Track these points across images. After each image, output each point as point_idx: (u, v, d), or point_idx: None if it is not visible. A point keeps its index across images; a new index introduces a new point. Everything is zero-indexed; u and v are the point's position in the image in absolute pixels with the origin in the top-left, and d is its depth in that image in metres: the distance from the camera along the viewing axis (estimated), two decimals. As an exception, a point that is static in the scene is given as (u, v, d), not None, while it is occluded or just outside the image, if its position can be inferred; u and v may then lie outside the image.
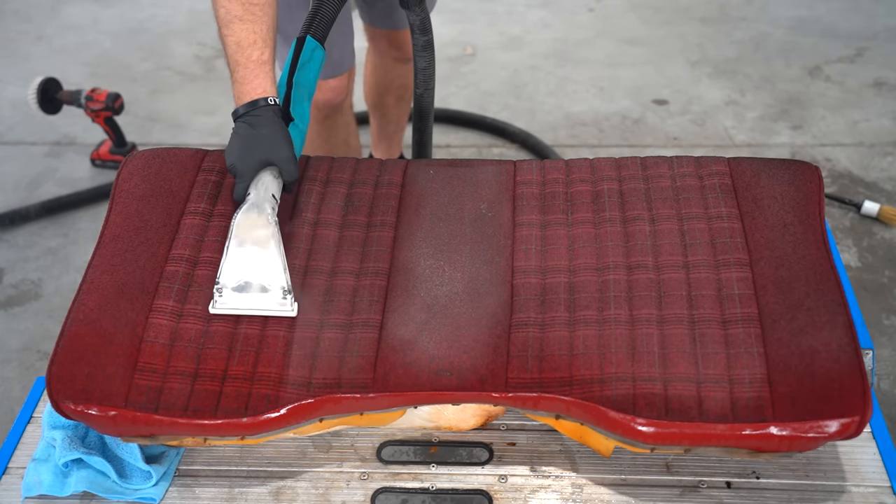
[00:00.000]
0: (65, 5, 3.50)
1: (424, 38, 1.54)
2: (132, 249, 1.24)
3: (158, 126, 2.81)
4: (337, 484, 1.20)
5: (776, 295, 1.14)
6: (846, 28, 3.17)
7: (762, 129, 2.69)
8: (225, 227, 1.28)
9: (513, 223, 1.29)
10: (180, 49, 3.19)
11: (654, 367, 1.09)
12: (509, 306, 1.18)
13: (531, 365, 1.12)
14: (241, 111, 1.26)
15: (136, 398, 1.09)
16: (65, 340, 1.13)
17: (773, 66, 2.98)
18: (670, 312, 1.15)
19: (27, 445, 1.27)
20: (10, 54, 3.22)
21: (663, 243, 1.23)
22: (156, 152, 1.39)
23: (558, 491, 1.18)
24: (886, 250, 2.21)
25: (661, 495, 1.17)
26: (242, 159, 1.22)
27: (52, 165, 2.63)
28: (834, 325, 1.10)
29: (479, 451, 1.26)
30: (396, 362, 1.13)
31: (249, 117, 1.25)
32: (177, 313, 1.17)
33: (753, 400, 1.05)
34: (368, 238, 1.28)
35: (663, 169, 1.34)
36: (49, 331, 2.07)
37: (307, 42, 1.32)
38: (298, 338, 1.16)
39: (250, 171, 1.22)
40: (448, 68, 3.03)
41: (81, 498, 1.20)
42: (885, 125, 2.67)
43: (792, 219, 1.23)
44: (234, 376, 1.12)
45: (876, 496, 1.16)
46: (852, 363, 1.06)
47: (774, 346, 1.09)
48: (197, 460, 1.24)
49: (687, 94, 2.86)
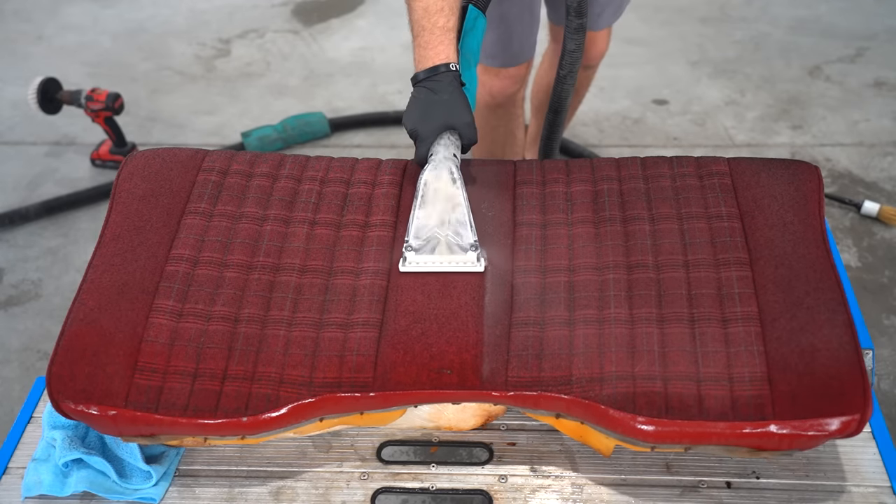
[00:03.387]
0: (65, 5, 3.50)
1: (578, 22, 1.55)
2: (132, 249, 1.24)
3: (158, 126, 2.81)
4: (337, 484, 1.20)
5: (776, 293, 1.14)
6: (846, 28, 3.17)
7: (762, 129, 2.69)
8: (226, 227, 1.28)
9: (513, 223, 1.29)
10: (180, 49, 3.19)
11: (654, 366, 1.09)
12: (509, 305, 1.18)
13: (531, 364, 1.12)
14: (422, 76, 1.28)
15: (136, 398, 1.09)
16: (65, 340, 1.13)
17: (773, 66, 2.98)
18: (670, 311, 1.15)
19: (27, 445, 1.28)
20: (10, 54, 3.22)
21: (663, 242, 1.23)
22: (156, 152, 1.39)
23: (558, 491, 1.18)
24: (886, 250, 2.21)
25: (661, 495, 1.17)
26: (424, 123, 1.26)
27: (52, 165, 2.63)
28: (834, 323, 1.10)
29: (479, 451, 1.26)
30: (396, 361, 1.13)
31: (430, 82, 1.27)
32: (177, 313, 1.17)
33: (754, 398, 1.05)
34: (368, 238, 1.28)
35: (663, 169, 1.34)
36: (49, 331, 2.07)
37: (469, 10, 1.35)
38: (298, 337, 1.16)
39: (432, 134, 1.25)
40: (448, 68, 3.03)
41: (81, 498, 1.20)
42: (885, 125, 2.67)
43: (792, 218, 1.23)
44: (234, 376, 1.12)
45: (876, 496, 1.16)
46: (852, 361, 1.06)
47: (774, 344, 1.09)
48: (197, 460, 1.24)
49: (687, 94, 2.86)
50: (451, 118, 1.26)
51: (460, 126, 1.26)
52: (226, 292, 1.20)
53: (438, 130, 1.25)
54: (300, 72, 3.05)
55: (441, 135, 1.26)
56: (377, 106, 2.85)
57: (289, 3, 3.46)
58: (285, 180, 1.36)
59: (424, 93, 1.27)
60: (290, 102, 2.88)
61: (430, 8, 1.29)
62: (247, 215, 1.30)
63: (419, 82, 1.28)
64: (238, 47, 3.19)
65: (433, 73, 1.27)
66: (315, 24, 3.34)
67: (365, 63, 3.09)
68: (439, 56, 1.28)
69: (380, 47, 3.18)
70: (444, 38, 1.28)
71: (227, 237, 1.27)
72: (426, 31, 1.29)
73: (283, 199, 1.33)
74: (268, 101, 2.91)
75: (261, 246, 1.26)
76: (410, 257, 1.21)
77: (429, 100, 1.26)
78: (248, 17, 3.37)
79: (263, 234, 1.28)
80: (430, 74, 1.27)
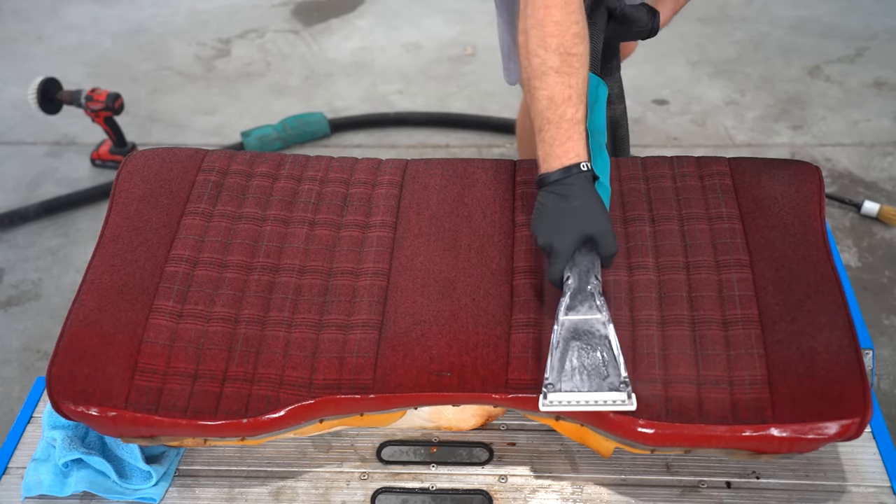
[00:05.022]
0: (65, 5, 3.50)
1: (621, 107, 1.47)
2: (132, 249, 1.24)
3: (158, 126, 2.81)
4: (337, 484, 1.20)
5: (776, 296, 1.14)
6: (846, 28, 3.16)
7: (762, 129, 2.69)
8: (225, 227, 1.28)
9: (513, 223, 1.29)
10: (180, 49, 3.19)
11: (654, 369, 1.09)
12: (509, 307, 1.18)
13: (531, 366, 1.12)
14: (550, 179, 1.13)
15: (136, 399, 1.09)
16: (65, 341, 1.13)
17: (773, 66, 2.98)
18: (671, 313, 1.15)
19: (27, 445, 1.28)
20: (10, 54, 3.22)
21: (664, 244, 1.23)
22: (156, 152, 1.39)
23: (558, 491, 1.18)
24: (886, 250, 2.21)
25: (661, 495, 1.17)
26: (558, 236, 1.10)
27: (52, 165, 2.63)
28: (834, 326, 1.10)
29: (479, 451, 1.26)
30: (396, 363, 1.13)
31: (560, 186, 1.11)
32: (177, 314, 1.17)
33: (754, 401, 1.05)
34: (368, 238, 1.28)
35: (664, 169, 1.34)
36: (49, 331, 2.07)
37: (590, 79, 1.19)
38: (298, 339, 1.16)
39: (568, 249, 1.10)
40: (448, 68, 3.03)
41: (81, 498, 1.20)
42: (885, 125, 2.67)
43: (792, 219, 1.23)
44: (234, 377, 1.12)
45: (876, 496, 1.16)
46: (852, 364, 1.06)
47: (775, 347, 1.09)
48: (197, 460, 1.24)
49: (687, 94, 2.86)
50: (587, 228, 1.10)
51: (599, 236, 1.10)
52: (226, 293, 1.20)
53: (575, 244, 1.10)
54: (300, 72, 3.05)
55: (579, 250, 1.12)
56: (377, 106, 2.85)
57: (289, 3, 3.46)
58: (285, 180, 1.36)
59: (553, 199, 1.11)
60: (290, 102, 2.88)
61: (557, 97, 1.12)
62: (246, 215, 1.30)
63: (546, 186, 1.13)
64: (238, 47, 3.19)
65: (566, 174, 1.11)
66: (315, 24, 3.33)
67: (365, 63, 3.09)
68: (569, 154, 1.12)
69: (380, 47, 3.17)
70: (574, 132, 1.12)
71: (226, 237, 1.27)
72: (552, 125, 1.12)
73: (283, 200, 1.32)
74: (268, 101, 2.91)
75: (260, 246, 1.26)
76: (551, 396, 1.05)
77: (560, 208, 1.11)
78: (248, 17, 3.37)
79: (263, 235, 1.27)
80: (563, 177, 1.12)
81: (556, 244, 1.10)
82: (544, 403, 1.05)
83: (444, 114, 2.77)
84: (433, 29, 3.26)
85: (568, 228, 1.10)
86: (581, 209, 1.10)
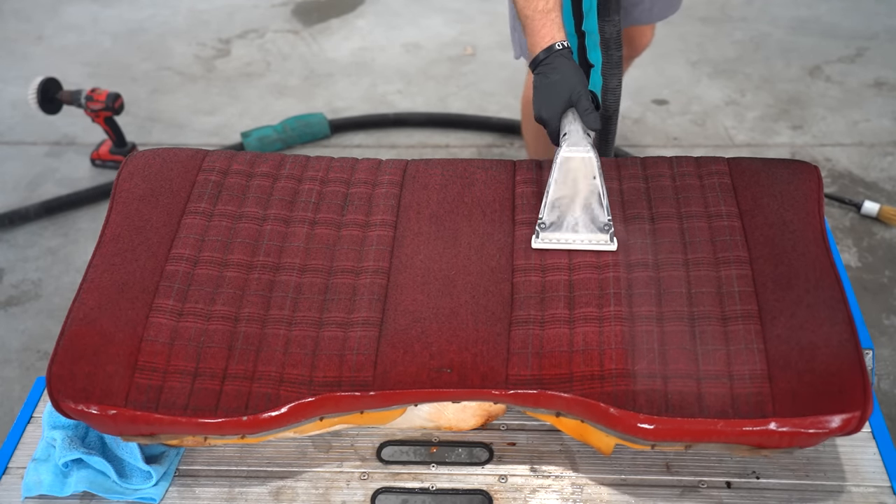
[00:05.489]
0: (65, 5, 3.50)
1: (618, 55, 1.55)
2: (132, 249, 1.24)
3: (158, 126, 2.81)
4: (337, 484, 1.20)
5: (776, 291, 1.14)
6: (846, 28, 3.16)
7: (762, 129, 2.69)
8: (226, 226, 1.28)
9: (513, 222, 1.29)
10: (180, 49, 3.19)
11: (654, 364, 1.09)
12: (509, 304, 1.18)
13: (531, 362, 1.12)
14: (539, 59, 1.31)
15: (136, 397, 1.09)
16: (65, 340, 1.13)
17: (773, 66, 2.98)
18: (670, 309, 1.15)
19: (27, 445, 1.28)
20: (10, 54, 3.22)
21: (663, 241, 1.23)
22: (156, 152, 1.39)
23: (558, 491, 1.18)
24: (886, 250, 2.21)
25: (661, 495, 1.17)
26: (546, 108, 1.28)
27: (52, 165, 2.63)
28: (833, 321, 1.10)
29: (479, 451, 1.26)
30: (396, 360, 1.13)
31: (542, 66, 1.30)
32: (177, 312, 1.17)
33: (754, 396, 1.05)
34: (368, 237, 1.28)
35: (663, 168, 1.34)
36: (49, 331, 2.07)
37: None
38: (298, 336, 1.16)
39: (555, 117, 1.27)
40: (448, 68, 3.03)
41: (81, 498, 1.20)
42: (885, 125, 2.67)
43: (791, 217, 1.23)
44: (234, 375, 1.12)
45: (876, 496, 1.16)
46: (852, 359, 1.06)
47: (774, 342, 1.09)
48: (197, 460, 1.24)
49: (687, 94, 2.86)
50: (563, 94, 1.27)
51: (577, 99, 1.27)
52: (226, 292, 1.20)
53: (560, 111, 1.27)
54: (300, 72, 3.05)
55: (565, 114, 1.27)
56: (377, 106, 2.85)
57: (289, 3, 3.46)
58: (285, 180, 1.36)
59: (539, 78, 1.30)
60: (290, 102, 2.88)
61: None
62: (247, 215, 1.30)
63: (536, 68, 1.31)
64: (238, 47, 3.19)
65: (546, 54, 1.30)
66: (315, 24, 3.33)
67: (365, 63, 3.09)
68: (544, 40, 1.30)
69: (380, 47, 3.17)
70: (546, 19, 1.31)
71: (227, 237, 1.27)
72: (529, 20, 1.32)
73: (284, 199, 1.33)
74: (268, 101, 2.91)
75: (261, 245, 1.26)
76: (543, 235, 1.24)
77: (544, 84, 1.29)
78: (248, 17, 3.36)
79: (263, 234, 1.28)
80: (544, 58, 1.30)
81: (545, 114, 1.28)
82: (536, 242, 1.25)
83: (444, 114, 2.76)
84: (433, 29, 3.26)
85: (551, 100, 1.28)
86: (560, 81, 1.27)
